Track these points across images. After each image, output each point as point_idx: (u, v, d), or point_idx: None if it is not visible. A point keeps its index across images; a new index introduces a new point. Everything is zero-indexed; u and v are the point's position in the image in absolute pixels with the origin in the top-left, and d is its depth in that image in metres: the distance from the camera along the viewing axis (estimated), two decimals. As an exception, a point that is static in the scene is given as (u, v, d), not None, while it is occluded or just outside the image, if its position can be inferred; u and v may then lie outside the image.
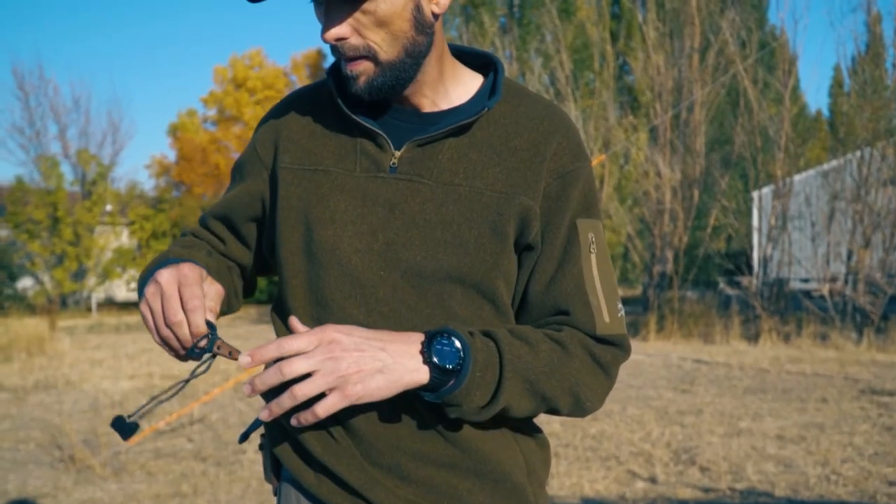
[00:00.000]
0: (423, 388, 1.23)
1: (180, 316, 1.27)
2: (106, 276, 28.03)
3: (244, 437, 1.41)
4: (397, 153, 1.38)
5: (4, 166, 72.40)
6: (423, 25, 1.31)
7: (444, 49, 1.40)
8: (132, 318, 24.14)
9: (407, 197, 1.36)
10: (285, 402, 1.19)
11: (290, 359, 1.18)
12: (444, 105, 1.42)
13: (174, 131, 37.93)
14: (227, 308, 1.53)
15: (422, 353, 1.23)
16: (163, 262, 1.40)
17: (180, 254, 1.46)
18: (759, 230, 17.08)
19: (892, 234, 14.47)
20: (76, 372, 11.69)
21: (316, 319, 1.38)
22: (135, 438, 7.08)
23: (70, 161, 29.08)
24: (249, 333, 18.57)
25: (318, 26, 1.31)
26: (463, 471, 1.36)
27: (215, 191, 33.95)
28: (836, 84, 27.03)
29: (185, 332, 1.28)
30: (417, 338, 1.25)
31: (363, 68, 1.32)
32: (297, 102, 1.52)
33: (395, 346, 1.22)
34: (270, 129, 1.52)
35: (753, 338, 13.86)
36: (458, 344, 1.23)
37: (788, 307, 15.74)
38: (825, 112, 30.12)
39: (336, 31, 1.28)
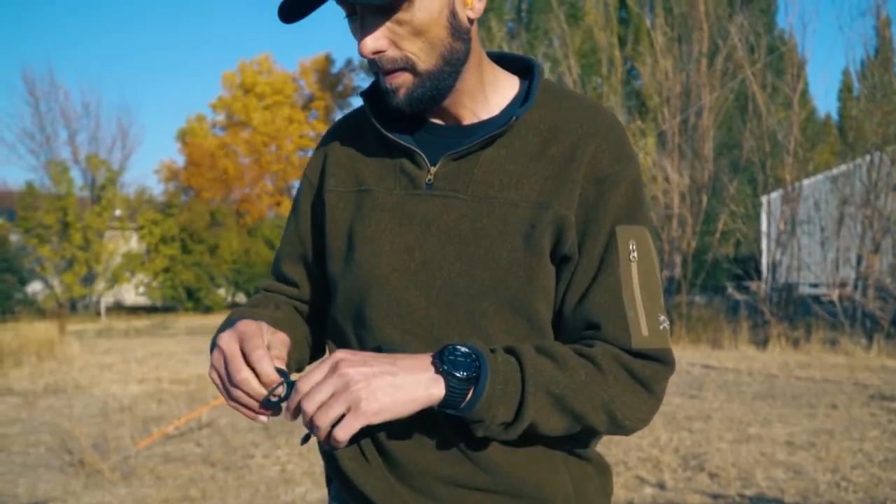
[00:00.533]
0: (444, 404, 1.20)
1: (244, 372, 1.25)
2: (115, 280, 28.11)
3: (306, 439, 1.37)
4: (433, 169, 1.37)
5: (15, 171, 72.72)
6: (459, 31, 1.29)
7: (482, 56, 1.38)
8: (141, 323, 24.19)
9: (442, 213, 1.35)
10: (318, 433, 1.18)
11: (308, 394, 1.16)
12: (485, 115, 1.39)
13: (183, 136, 38.03)
14: (300, 355, 1.53)
15: (433, 363, 1.20)
16: (226, 324, 1.41)
17: (242, 313, 1.45)
18: (768, 235, 17.05)
19: (901, 239, 14.43)
20: (86, 376, 11.72)
21: (358, 339, 1.40)
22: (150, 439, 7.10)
23: (80, 166, 29.21)
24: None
25: (326, 30, 1.36)
26: (497, 494, 1.33)
27: (224, 196, 34.03)
28: (846, 88, 27.01)
29: (253, 387, 1.25)
30: (430, 353, 1.23)
31: (402, 80, 1.30)
32: (341, 128, 1.54)
33: (405, 362, 1.20)
34: (318, 158, 1.55)
35: (762, 343, 13.82)
36: (471, 353, 1.20)
37: (797, 312, 15.70)
38: (834, 116, 30.09)
39: (373, 45, 1.26)
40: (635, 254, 1.32)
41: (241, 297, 31.21)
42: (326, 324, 1.51)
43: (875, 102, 14.88)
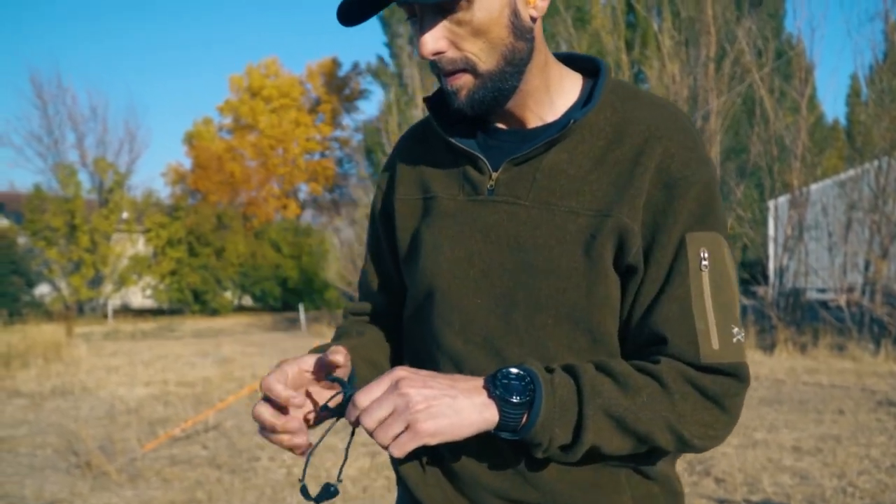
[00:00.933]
0: (499, 428, 1.18)
1: (258, 407, 1.28)
2: (122, 283, 28.18)
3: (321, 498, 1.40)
4: (495, 174, 1.34)
5: (23, 174, 72.87)
6: (521, 31, 1.26)
7: (547, 56, 1.34)
8: (147, 325, 24.23)
9: (503, 220, 1.32)
10: (381, 445, 1.17)
11: (367, 409, 1.16)
12: (550, 118, 1.36)
13: (190, 140, 38.14)
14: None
15: (486, 387, 1.18)
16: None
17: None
18: (775, 240, 17.01)
19: (909, 245, 14.39)
20: (92, 378, 11.74)
21: (425, 345, 1.40)
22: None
23: (87, 169, 29.32)
24: (264, 341, 18.62)
25: (333, 33, 1.30)
26: None
27: (230, 199, 34.09)
28: (854, 93, 26.95)
29: (265, 419, 1.27)
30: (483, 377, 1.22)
31: (463, 82, 1.27)
32: (410, 136, 1.53)
33: (463, 384, 1.18)
34: (388, 167, 1.54)
35: (769, 348, 13.79)
36: (525, 376, 1.18)
37: (805, 317, 15.65)
38: (842, 121, 30.02)
39: (433, 46, 1.24)
40: (706, 262, 1.25)
41: (247, 300, 31.25)
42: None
43: (883, 107, 14.84)
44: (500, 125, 1.39)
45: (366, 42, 66.82)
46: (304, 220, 37.03)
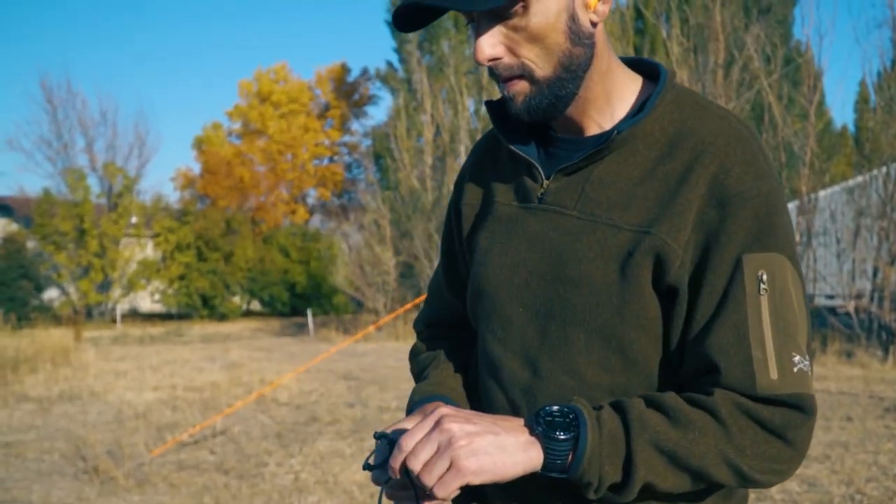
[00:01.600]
0: (546, 468, 1.13)
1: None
2: (130, 287, 28.25)
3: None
4: (546, 182, 1.32)
5: (32, 178, 73.18)
6: (579, 37, 1.22)
7: (610, 64, 1.30)
8: (156, 330, 24.28)
9: (548, 230, 1.30)
10: (426, 488, 1.13)
11: (413, 451, 1.12)
12: (608, 126, 1.31)
13: (199, 144, 38.25)
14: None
15: (528, 426, 1.15)
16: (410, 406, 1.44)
17: (417, 393, 1.47)
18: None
19: (918, 252, 14.35)
20: (100, 383, 11.77)
21: (479, 351, 1.41)
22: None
23: (97, 174, 29.40)
24: (272, 346, 18.64)
25: (342, 39, 1.29)
26: None
27: (239, 204, 34.17)
28: (862, 99, 26.89)
29: None
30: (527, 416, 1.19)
31: (520, 88, 1.24)
32: (482, 143, 1.52)
33: (505, 423, 1.15)
34: (462, 171, 1.54)
35: (777, 354, 13.75)
36: (569, 413, 1.14)
37: (813, 324, 15.45)
38: (851, 127, 29.97)
39: (489, 52, 1.21)
40: (765, 285, 1.17)
41: (255, 305, 31.27)
42: None
43: (892, 114, 14.81)
44: (561, 132, 1.36)
45: (375, 47, 67.02)
46: (313, 225, 37.08)
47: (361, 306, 23.81)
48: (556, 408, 1.14)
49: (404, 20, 1.26)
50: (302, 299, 29.63)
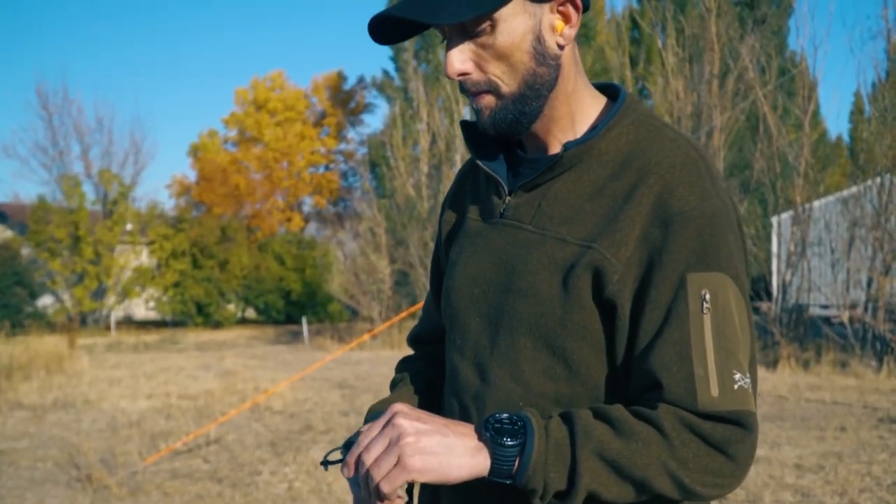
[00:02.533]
0: (493, 473, 1.16)
1: None
2: (125, 294, 28.21)
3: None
4: (508, 198, 1.38)
5: (27, 185, 73.04)
6: (545, 57, 1.28)
7: (576, 85, 1.35)
8: (150, 337, 24.24)
9: (506, 244, 1.36)
10: (374, 483, 1.16)
11: (367, 446, 1.17)
12: None
13: (195, 152, 38.24)
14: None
15: (477, 431, 1.18)
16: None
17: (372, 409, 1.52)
18: (778, 256, 17.02)
19: (912, 262, 14.38)
20: (94, 391, 11.75)
21: (445, 362, 1.46)
22: (153, 458, 7.11)
23: (92, 180, 29.38)
24: (266, 354, 18.62)
25: (338, 47, 1.33)
26: None
27: (235, 211, 34.14)
28: (857, 110, 26.98)
29: None
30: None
31: (486, 102, 1.31)
32: (464, 168, 1.60)
33: (455, 427, 1.19)
34: (445, 197, 1.61)
35: (772, 364, 13.78)
36: (518, 421, 1.17)
37: (808, 334, 15.63)
38: (846, 138, 30.03)
39: (458, 67, 1.28)
40: (708, 304, 1.20)
41: (250, 313, 31.24)
42: None
43: (886, 125, 14.85)
44: (530, 151, 1.42)
45: (371, 56, 67.08)
46: (308, 233, 37.07)
47: (356, 314, 23.79)
48: (505, 415, 1.18)
49: (379, 33, 1.33)
50: (297, 307, 29.60)
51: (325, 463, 1.34)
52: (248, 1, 68.52)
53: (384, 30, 1.33)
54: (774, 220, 17.46)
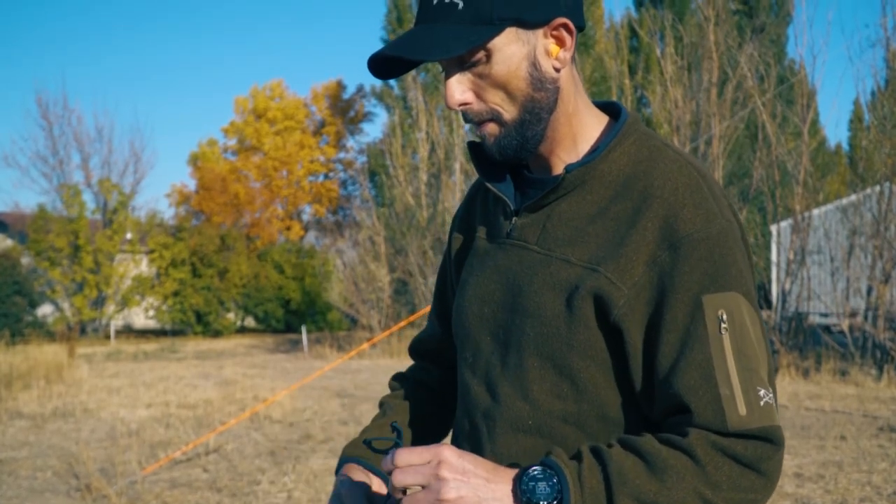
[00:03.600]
0: None
1: None
2: (125, 303, 28.19)
3: None
4: (515, 218, 1.40)
5: (27, 194, 73.18)
6: (541, 82, 1.30)
7: (577, 105, 1.37)
8: (150, 346, 24.23)
9: (512, 264, 1.37)
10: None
11: (402, 469, 1.17)
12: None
13: (195, 161, 38.23)
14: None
15: (514, 491, 1.18)
16: (339, 462, 1.56)
17: (347, 453, 1.55)
18: (778, 264, 17.02)
19: (912, 270, 14.38)
20: (94, 400, 11.74)
21: (457, 379, 1.48)
22: (154, 467, 7.10)
23: (92, 190, 29.36)
24: (266, 363, 18.60)
25: (337, 56, 1.34)
26: None
27: (234, 220, 34.13)
28: (856, 118, 27.01)
29: None
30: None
31: (490, 130, 1.33)
32: (475, 184, 1.62)
33: (496, 486, 1.18)
34: (456, 212, 1.63)
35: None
36: (553, 475, 1.16)
37: (808, 342, 15.63)
38: (845, 146, 30.07)
39: (459, 98, 1.31)
40: (726, 324, 1.22)
41: (249, 321, 31.23)
42: None
43: (885, 133, 14.88)
44: (535, 171, 1.44)
45: (370, 65, 66.78)
46: (308, 242, 37.06)
47: (356, 323, 23.78)
48: (538, 469, 1.17)
49: (378, 71, 1.35)
50: (296, 316, 29.59)
51: (370, 446, 1.38)
52: (247, 10, 68.66)
53: (383, 67, 1.34)
54: (774, 228, 17.47)
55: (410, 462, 1.17)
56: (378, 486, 1.46)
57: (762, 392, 1.21)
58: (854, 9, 44.02)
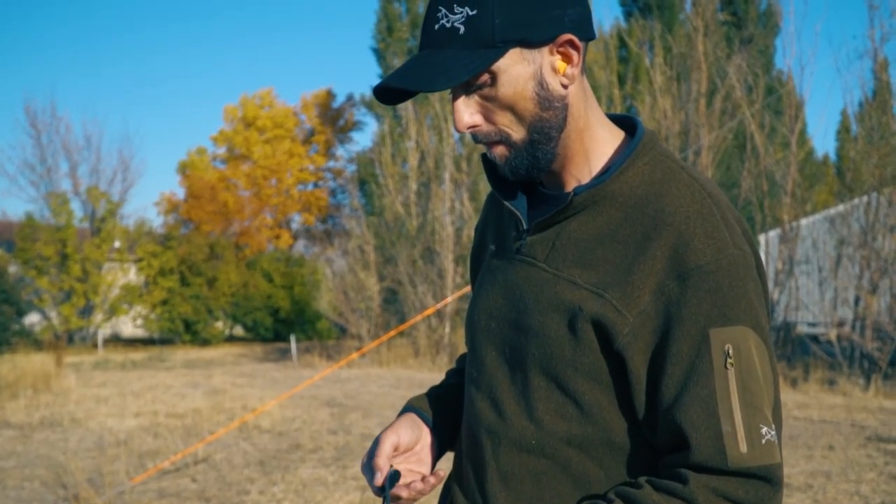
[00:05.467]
0: None
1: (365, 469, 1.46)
2: (113, 312, 28.06)
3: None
4: (526, 235, 1.39)
5: (15, 202, 72.91)
6: (549, 101, 1.28)
7: (588, 121, 1.35)
8: (138, 355, 24.13)
9: (520, 280, 1.37)
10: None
11: None
12: (587, 181, 1.37)
13: (184, 169, 38.16)
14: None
15: None
16: (403, 409, 1.58)
17: (413, 402, 1.59)
18: (766, 274, 17.06)
19: (899, 280, 14.45)
20: (82, 409, 11.68)
21: (465, 392, 1.49)
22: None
23: (80, 198, 29.24)
24: (255, 371, 18.55)
25: (327, 65, 1.34)
26: None
27: (223, 228, 34.08)
28: (844, 129, 27.12)
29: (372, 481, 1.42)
30: None
31: (500, 151, 1.33)
32: (491, 192, 1.60)
33: None
34: (477, 223, 1.64)
35: (760, 382, 13.78)
36: None
37: (796, 352, 15.69)
38: (832, 156, 30.18)
39: (467, 121, 1.30)
40: (732, 359, 1.20)
41: (238, 330, 31.13)
42: None
43: (873, 144, 14.96)
44: (548, 187, 1.43)
45: (360, 74, 67.08)
46: (297, 251, 37.00)
47: (345, 332, 23.72)
48: None
49: (384, 98, 1.34)
50: (285, 325, 29.51)
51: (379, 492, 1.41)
52: (237, 19, 68.62)
53: (391, 95, 1.34)
54: (762, 238, 17.52)
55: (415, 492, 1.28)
56: (426, 437, 1.52)
57: (764, 430, 1.20)
58: (842, 20, 44.37)
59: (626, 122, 1.43)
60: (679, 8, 26.31)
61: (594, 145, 1.36)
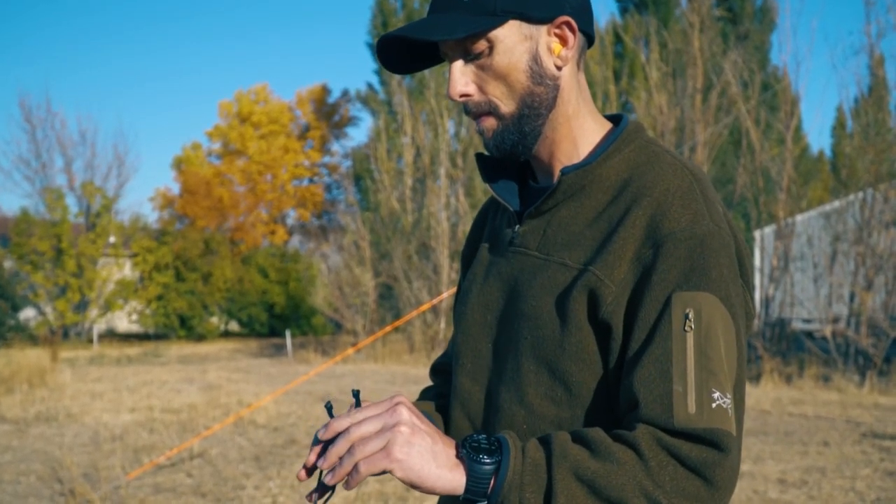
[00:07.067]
0: (468, 491, 1.16)
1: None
2: (108, 307, 28.04)
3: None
4: (518, 226, 1.42)
5: (10, 198, 72.69)
6: (542, 77, 1.33)
7: (578, 109, 1.39)
8: (133, 350, 24.12)
9: (514, 270, 1.39)
10: (346, 463, 1.16)
11: (360, 422, 1.19)
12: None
13: (179, 164, 38.16)
14: None
15: (456, 447, 1.20)
16: None
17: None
18: (761, 270, 17.09)
19: (894, 277, 14.47)
20: (77, 404, 11.67)
21: (452, 386, 1.48)
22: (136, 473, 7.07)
23: (75, 193, 29.23)
24: (250, 367, 18.55)
25: (322, 61, 1.35)
26: None
27: (218, 224, 34.06)
28: (839, 125, 27.16)
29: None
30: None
31: (488, 124, 1.36)
32: (483, 206, 1.65)
33: (444, 438, 1.21)
34: (471, 225, 1.66)
35: (755, 378, 13.83)
36: (494, 441, 1.19)
37: (791, 348, 15.71)
38: (828, 152, 30.23)
39: (460, 88, 1.34)
40: (691, 322, 1.19)
41: (233, 326, 31.13)
42: None
43: (868, 140, 14.97)
44: (540, 179, 1.46)
45: (355, 69, 67.08)
46: (292, 246, 37.01)
47: (340, 327, 23.74)
48: (483, 436, 1.19)
49: (388, 59, 1.39)
50: (280, 320, 29.53)
51: (329, 407, 1.32)
52: (232, 14, 68.55)
53: (392, 58, 1.38)
54: (757, 234, 17.54)
55: (367, 413, 1.19)
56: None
57: (717, 395, 1.17)
58: (838, 17, 44.38)
59: (614, 118, 1.46)
60: (675, 4, 26.35)
61: (582, 133, 1.39)
